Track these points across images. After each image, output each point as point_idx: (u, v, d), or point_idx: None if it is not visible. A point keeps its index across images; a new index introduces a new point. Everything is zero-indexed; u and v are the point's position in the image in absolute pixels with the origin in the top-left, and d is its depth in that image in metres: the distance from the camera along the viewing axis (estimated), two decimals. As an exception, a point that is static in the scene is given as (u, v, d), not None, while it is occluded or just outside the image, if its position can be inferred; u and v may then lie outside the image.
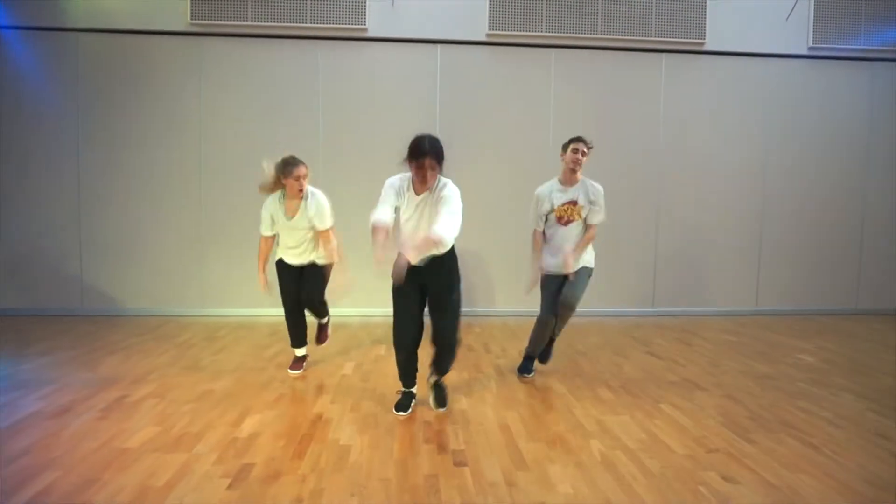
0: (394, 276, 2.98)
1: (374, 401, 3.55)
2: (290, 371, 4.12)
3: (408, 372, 3.44)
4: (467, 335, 5.32)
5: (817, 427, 3.22)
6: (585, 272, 3.95)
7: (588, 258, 4.00)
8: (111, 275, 6.07)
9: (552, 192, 4.01)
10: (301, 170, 3.81)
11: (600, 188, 3.96)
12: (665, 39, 6.30)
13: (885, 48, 6.49)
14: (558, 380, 4.06)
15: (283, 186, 3.87)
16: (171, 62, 5.98)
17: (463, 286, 3.34)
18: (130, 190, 6.03)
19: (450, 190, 3.15)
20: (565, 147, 4.00)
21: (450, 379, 3.80)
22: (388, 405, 3.47)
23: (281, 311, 4.12)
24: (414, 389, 3.49)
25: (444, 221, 3.00)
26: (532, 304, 4.26)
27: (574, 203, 3.95)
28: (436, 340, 3.33)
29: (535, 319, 4.03)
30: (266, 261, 4.07)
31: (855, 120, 6.62)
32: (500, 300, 6.37)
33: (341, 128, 6.07)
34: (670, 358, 4.67)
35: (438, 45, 6.18)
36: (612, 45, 6.31)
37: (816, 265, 6.70)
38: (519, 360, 4.24)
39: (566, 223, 3.96)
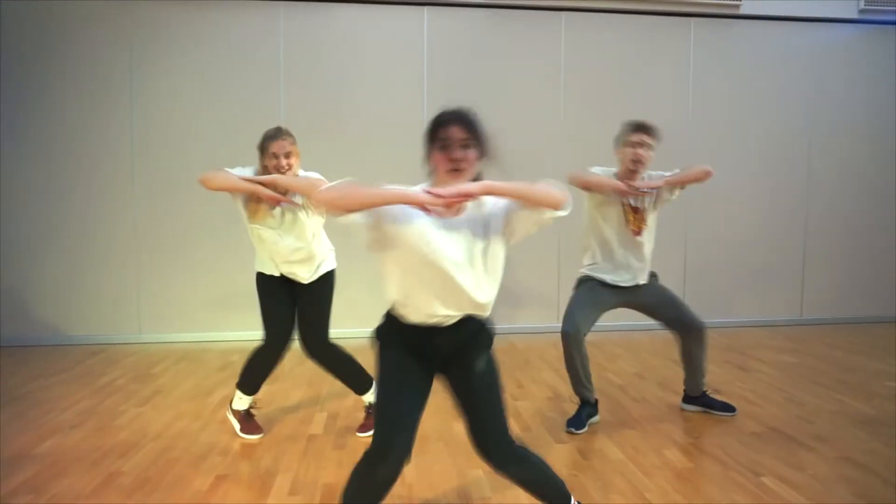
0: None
1: (355, 484, 2.45)
2: (243, 435, 2.94)
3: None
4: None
5: None
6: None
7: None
8: (29, 294, 4.86)
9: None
10: (282, 144, 2.76)
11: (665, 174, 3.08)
12: (695, 1, 5.29)
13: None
14: (606, 433, 3.01)
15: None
16: (96, 29, 4.78)
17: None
18: (51, 189, 4.82)
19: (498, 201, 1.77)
20: (621, 139, 3.05)
21: (440, 433, 2.74)
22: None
23: (239, 335, 2.96)
24: None
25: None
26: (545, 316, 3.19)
27: (636, 210, 3.03)
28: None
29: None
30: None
31: (911, 95, 5.69)
32: (521, 315, 5.29)
33: (308, 107, 4.91)
34: (734, 392, 3.65)
35: (425, 8, 5.09)
36: (632, 7, 5.27)
37: (868, 265, 5.75)
38: (551, 399, 3.18)
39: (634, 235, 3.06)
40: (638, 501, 2.31)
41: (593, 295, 3.16)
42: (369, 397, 3.02)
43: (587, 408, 3.15)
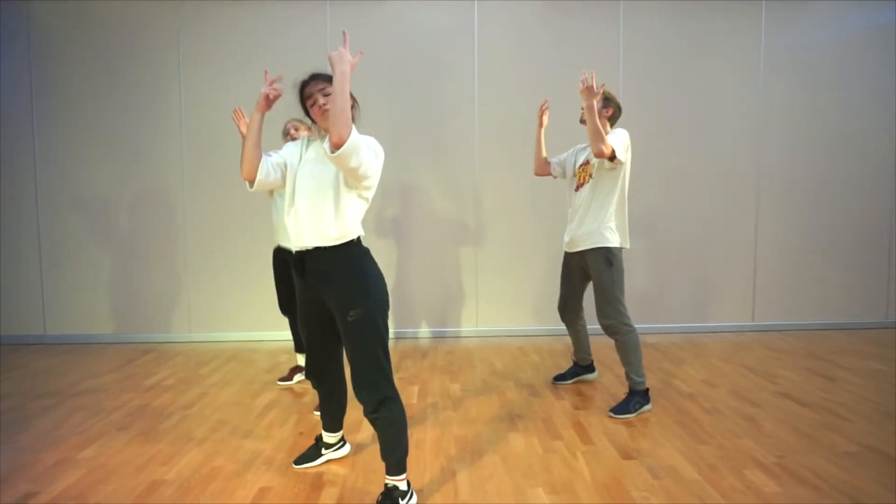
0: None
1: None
2: (279, 382, 3.76)
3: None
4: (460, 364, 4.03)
5: None
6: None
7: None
8: (77, 294, 4.90)
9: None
10: (292, 122, 3.49)
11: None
12: (766, -21, 4.92)
13: None
14: (677, 448, 2.75)
15: None
16: (140, 29, 4.77)
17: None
18: (98, 192, 4.85)
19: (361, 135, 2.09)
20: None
21: (495, 446, 2.53)
22: (429, 512, 2.19)
23: (287, 335, 3.18)
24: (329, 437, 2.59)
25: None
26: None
27: (586, 163, 3.33)
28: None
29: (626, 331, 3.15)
30: None
31: None
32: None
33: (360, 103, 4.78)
34: (819, 405, 3.31)
35: (475, 1, 4.87)
36: (698, -11, 4.93)
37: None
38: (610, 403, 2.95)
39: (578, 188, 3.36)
40: (721, 531, 2.05)
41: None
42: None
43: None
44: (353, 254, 2.12)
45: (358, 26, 4.80)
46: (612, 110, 3.26)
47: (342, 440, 2.66)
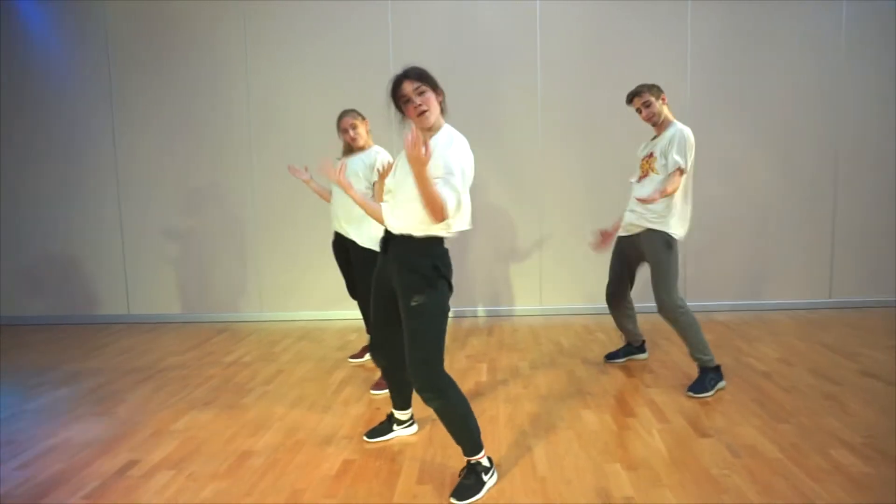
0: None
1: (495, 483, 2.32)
2: (350, 360, 3.89)
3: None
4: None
5: None
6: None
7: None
8: (158, 275, 5.16)
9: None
10: (346, 120, 3.42)
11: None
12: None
13: None
14: (755, 426, 2.70)
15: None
16: (210, 26, 4.91)
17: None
18: (173, 180, 5.06)
19: (454, 135, 2.22)
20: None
21: (568, 422, 2.55)
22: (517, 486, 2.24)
23: (356, 314, 3.49)
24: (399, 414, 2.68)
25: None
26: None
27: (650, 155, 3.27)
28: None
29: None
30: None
31: None
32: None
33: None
34: (907, 383, 3.18)
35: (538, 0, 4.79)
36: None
37: None
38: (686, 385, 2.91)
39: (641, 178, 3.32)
40: (810, 511, 2.01)
41: None
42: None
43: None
44: (432, 250, 2.18)
45: (418, 22, 4.81)
46: (664, 96, 3.23)
47: (412, 418, 2.73)
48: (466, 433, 2.21)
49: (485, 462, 2.22)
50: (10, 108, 5.04)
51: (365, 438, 2.65)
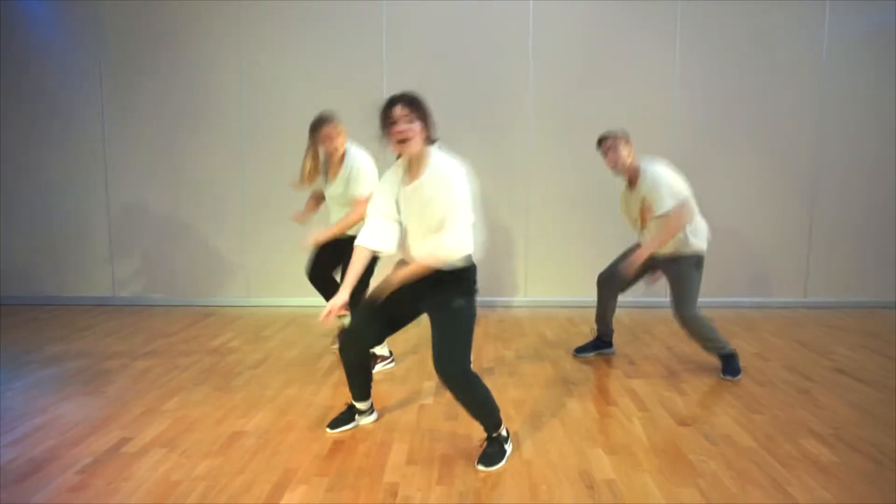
0: (375, 289, 2.36)
1: (467, 459, 2.39)
2: (333, 347, 3.78)
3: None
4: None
5: None
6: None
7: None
8: (144, 259, 5.15)
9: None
10: (324, 129, 3.28)
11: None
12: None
13: None
14: (731, 416, 2.81)
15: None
16: (202, 25, 4.89)
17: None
18: (162, 166, 5.04)
19: (444, 172, 2.32)
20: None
21: (552, 410, 2.64)
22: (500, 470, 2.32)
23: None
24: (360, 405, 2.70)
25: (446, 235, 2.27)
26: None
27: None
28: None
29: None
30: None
31: None
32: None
33: (420, 84, 4.85)
34: (878, 382, 3.31)
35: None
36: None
37: None
38: (666, 378, 3.01)
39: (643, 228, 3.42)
40: (781, 497, 2.11)
41: None
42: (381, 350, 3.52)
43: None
44: (466, 274, 2.40)
45: (412, 21, 4.84)
46: (631, 147, 3.29)
47: (371, 407, 2.76)
48: (489, 414, 2.37)
49: (504, 433, 2.40)
50: (9, 99, 5.01)
51: (328, 430, 2.65)
